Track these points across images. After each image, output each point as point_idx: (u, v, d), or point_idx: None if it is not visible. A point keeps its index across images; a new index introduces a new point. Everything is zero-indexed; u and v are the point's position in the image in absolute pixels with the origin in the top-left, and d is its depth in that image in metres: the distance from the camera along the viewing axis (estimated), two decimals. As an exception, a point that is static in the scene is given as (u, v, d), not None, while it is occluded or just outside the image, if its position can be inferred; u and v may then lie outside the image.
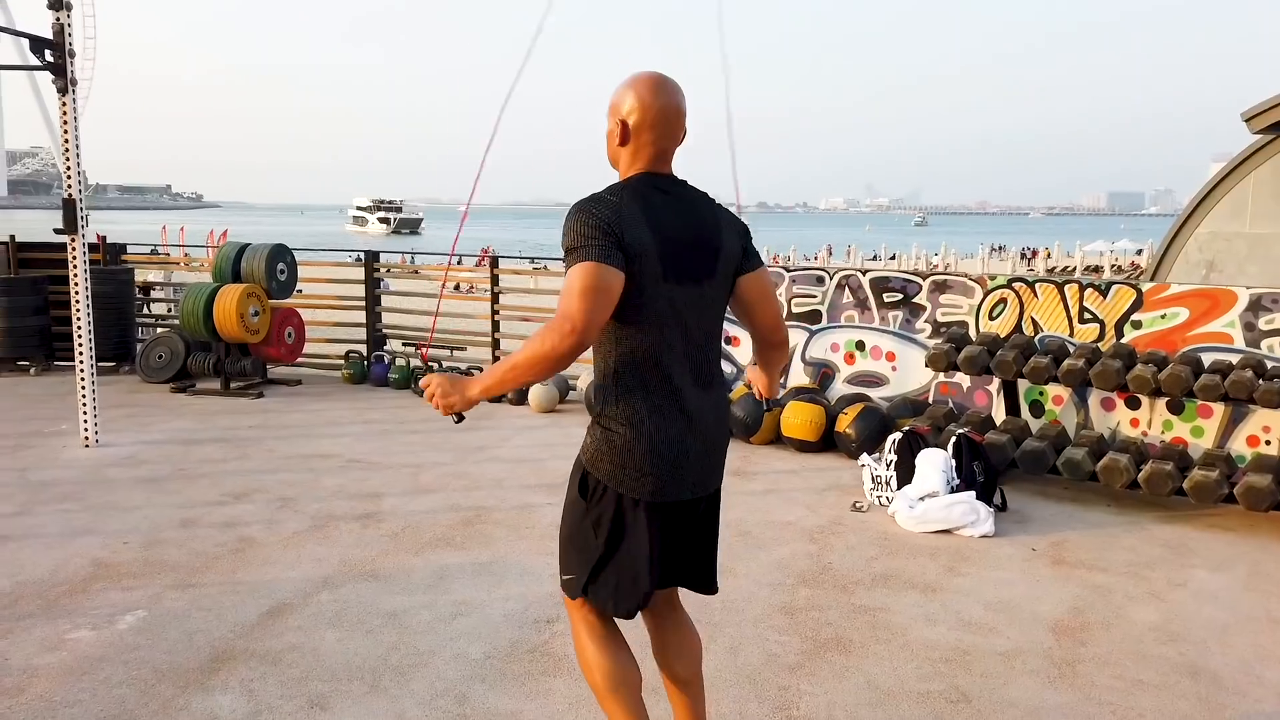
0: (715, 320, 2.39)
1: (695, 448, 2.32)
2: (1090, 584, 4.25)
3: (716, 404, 2.42)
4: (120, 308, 8.78)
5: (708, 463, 2.38)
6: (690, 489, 2.36)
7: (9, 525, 4.75)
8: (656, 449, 2.28)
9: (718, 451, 2.42)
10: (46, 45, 5.77)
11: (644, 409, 2.28)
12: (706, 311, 2.34)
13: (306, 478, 5.65)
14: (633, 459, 2.29)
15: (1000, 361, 5.73)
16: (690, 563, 2.51)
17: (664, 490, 2.31)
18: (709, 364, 2.39)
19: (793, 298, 7.15)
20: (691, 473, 2.34)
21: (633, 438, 2.28)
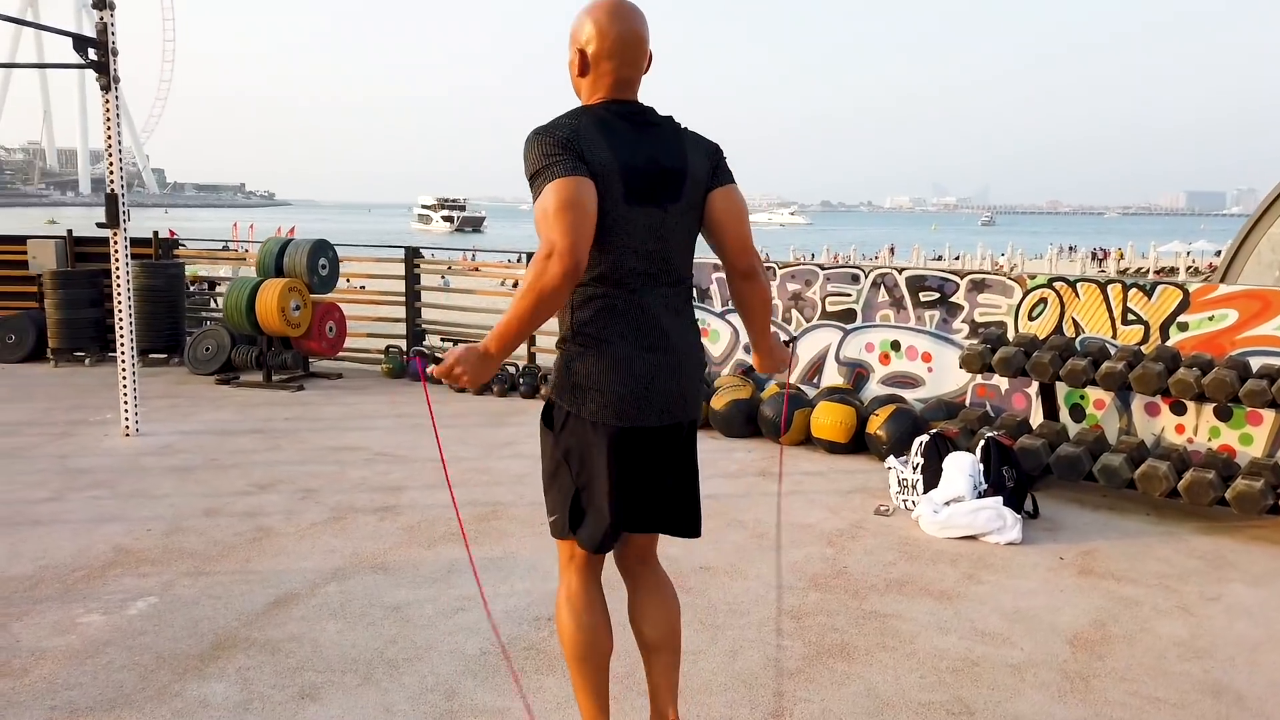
0: (682, 245, 2.32)
1: (660, 371, 2.26)
2: (1117, 595, 4.08)
3: (684, 330, 2.35)
4: (171, 301, 9.00)
5: (675, 388, 2.30)
6: (657, 415, 2.29)
7: (41, 510, 4.88)
8: (619, 370, 2.23)
9: (687, 378, 2.34)
10: (90, 44, 5.92)
11: (606, 331, 2.23)
12: (672, 235, 2.28)
13: (333, 469, 5.71)
14: (596, 381, 2.24)
15: (1036, 363, 5.55)
16: (667, 503, 2.42)
17: (628, 413, 2.25)
18: (675, 290, 2.33)
19: (826, 296, 7.02)
20: (658, 397, 2.27)
21: (595, 360, 2.23)
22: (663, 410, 2.30)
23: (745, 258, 2.39)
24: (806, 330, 7.12)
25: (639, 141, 2.24)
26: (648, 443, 2.33)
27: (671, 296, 2.33)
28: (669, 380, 2.29)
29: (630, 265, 2.24)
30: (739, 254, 2.38)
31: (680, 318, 2.35)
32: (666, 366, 2.28)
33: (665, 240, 2.28)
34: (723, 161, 2.40)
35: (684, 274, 2.38)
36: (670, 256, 2.31)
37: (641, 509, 2.41)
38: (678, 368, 2.31)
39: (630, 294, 2.25)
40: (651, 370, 2.26)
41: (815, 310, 7.07)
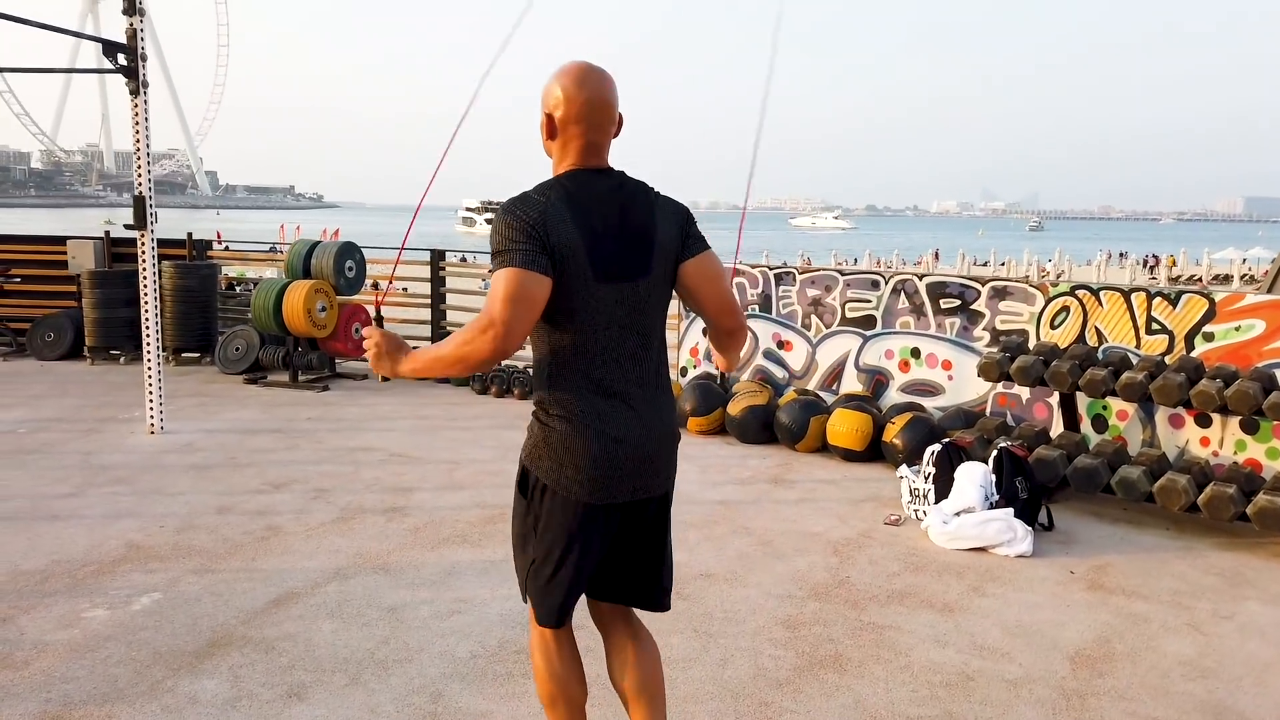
0: (654, 318, 2.30)
1: (632, 448, 2.24)
2: (1125, 611, 3.99)
3: (658, 404, 2.32)
4: (203, 301, 9.17)
5: (649, 464, 2.28)
6: (630, 491, 2.27)
7: (60, 505, 5.00)
8: (592, 447, 2.21)
9: (661, 453, 2.31)
10: (119, 49, 6.06)
11: (579, 407, 2.22)
12: (643, 310, 2.26)
13: (346, 470, 5.78)
14: (569, 457, 2.23)
15: (1055, 373, 5.44)
16: (636, 575, 2.42)
17: (601, 490, 2.24)
18: (649, 363, 2.31)
19: (846, 302, 6.96)
20: (631, 473, 2.25)
21: (568, 435, 2.23)
22: (635, 486, 2.28)
23: (730, 319, 2.37)
24: (825, 336, 7.05)
25: (608, 215, 2.22)
26: (623, 517, 2.33)
27: (643, 367, 2.30)
28: (641, 455, 2.27)
29: (602, 341, 2.23)
30: (723, 317, 2.37)
31: (654, 390, 2.32)
32: (639, 442, 2.26)
33: (638, 312, 2.26)
34: (693, 227, 2.37)
35: (656, 342, 2.36)
36: (642, 327, 2.29)
37: (610, 581, 2.43)
38: (650, 441, 2.28)
39: (603, 370, 2.24)
40: (624, 447, 2.24)
41: (835, 316, 7.01)
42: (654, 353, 2.33)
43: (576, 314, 2.19)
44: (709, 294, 2.33)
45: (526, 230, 2.13)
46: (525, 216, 2.14)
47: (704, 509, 5.19)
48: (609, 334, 2.22)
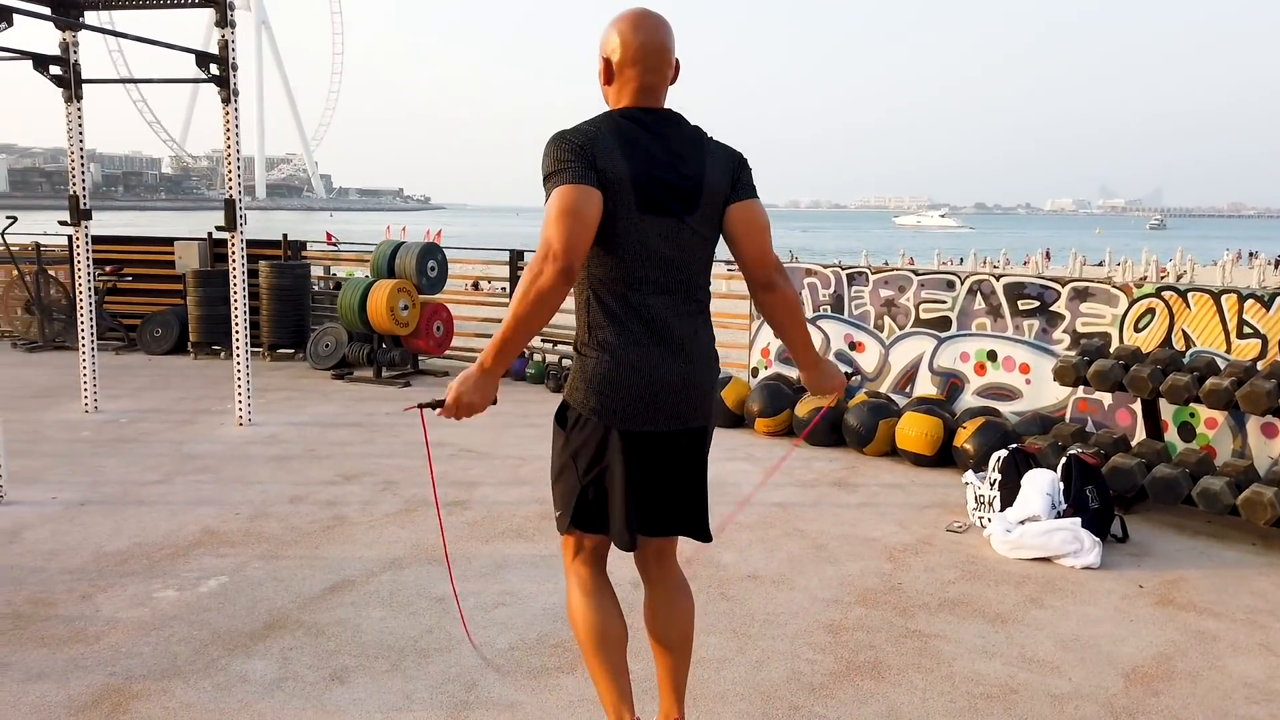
0: (697, 255, 2.34)
1: (670, 377, 2.29)
2: (1194, 629, 3.80)
3: (696, 338, 2.36)
4: (297, 299, 9.56)
5: (685, 396, 2.33)
6: (667, 420, 2.33)
7: (149, 491, 5.29)
8: (628, 375, 2.27)
9: (696, 387, 2.36)
10: (211, 60, 6.38)
11: (617, 336, 2.28)
12: (687, 246, 2.30)
13: (416, 463, 5.95)
14: (606, 384, 2.29)
15: (1135, 377, 5.21)
16: (676, 507, 2.46)
17: (636, 417, 2.30)
18: (689, 299, 2.36)
19: (920, 303, 6.80)
20: (667, 403, 2.31)
21: (605, 363, 2.29)
22: (672, 415, 2.34)
23: (763, 270, 2.38)
24: (899, 338, 6.91)
25: (656, 150, 2.28)
26: (656, 446, 2.37)
27: (685, 304, 2.36)
28: (679, 386, 2.32)
29: (643, 273, 2.28)
30: (757, 265, 2.38)
31: (693, 325, 2.37)
32: (677, 372, 2.32)
33: (680, 249, 2.31)
34: (745, 174, 2.41)
35: (699, 282, 2.39)
36: (685, 265, 2.33)
37: (651, 511, 2.46)
38: (688, 374, 2.33)
39: (643, 300, 2.29)
40: (661, 375, 2.30)
41: (909, 317, 6.86)
42: (695, 291, 2.37)
43: (618, 243, 2.24)
44: (749, 241, 2.36)
45: (575, 151, 2.19)
46: (574, 140, 2.21)
47: (760, 510, 5.16)
48: (649, 266, 2.27)
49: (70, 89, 6.70)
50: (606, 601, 2.52)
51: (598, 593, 2.51)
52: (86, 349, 7.09)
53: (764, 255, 2.37)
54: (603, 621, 2.50)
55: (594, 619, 2.49)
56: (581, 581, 2.52)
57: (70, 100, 6.72)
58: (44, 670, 3.26)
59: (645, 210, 2.23)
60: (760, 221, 2.37)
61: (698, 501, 2.48)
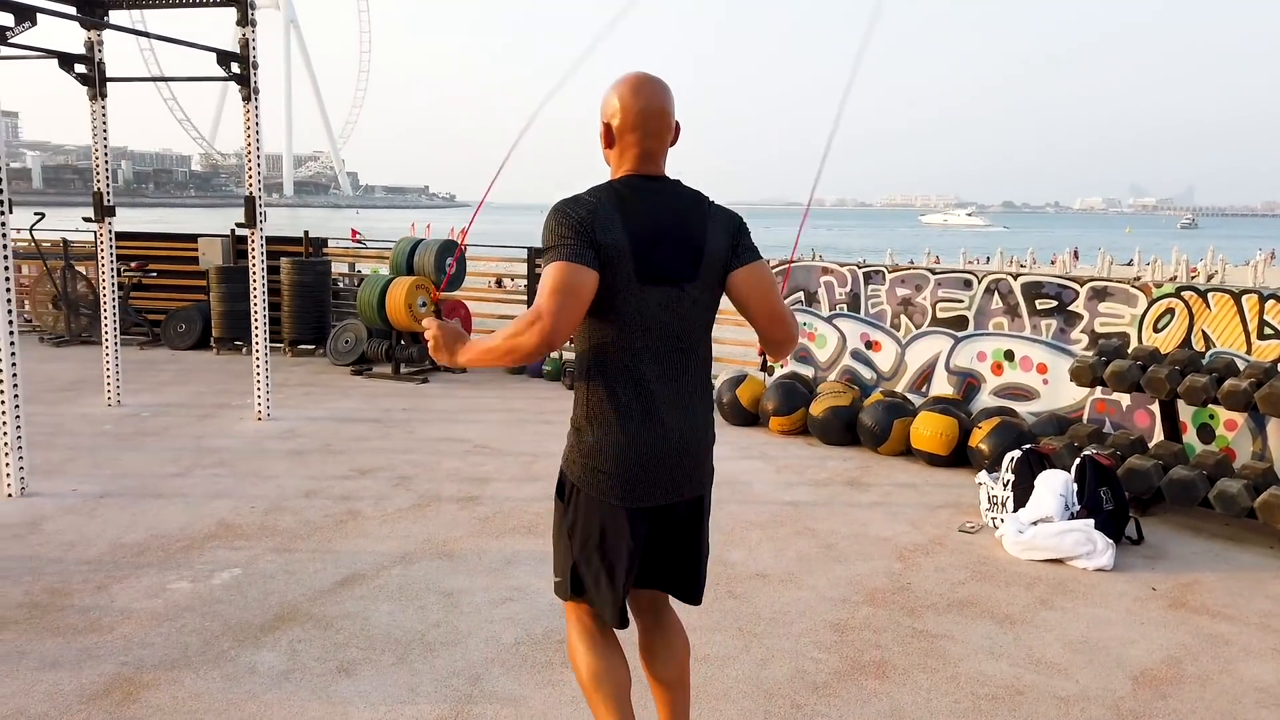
0: (697, 324, 2.33)
1: (667, 452, 2.28)
2: (1206, 632, 3.76)
3: (693, 410, 2.35)
4: (318, 296, 9.65)
5: (681, 468, 2.32)
6: (664, 494, 2.32)
7: (167, 484, 5.36)
8: (624, 452, 2.26)
9: (694, 458, 2.35)
10: (233, 58, 6.44)
11: (613, 411, 2.27)
12: (687, 314, 2.29)
13: (430, 459, 5.99)
14: (601, 461, 2.28)
15: (1152, 378, 5.16)
16: (671, 570, 2.47)
17: (633, 494, 2.29)
18: (689, 369, 2.33)
19: (937, 302, 6.76)
20: (664, 477, 2.30)
21: (601, 439, 2.28)
22: (669, 490, 2.33)
23: (780, 330, 2.38)
24: (915, 337, 6.87)
25: (657, 219, 2.27)
26: (656, 519, 2.37)
27: (684, 373, 2.33)
28: (675, 460, 2.31)
29: (642, 343, 2.27)
30: (774, 328, 2.37)
31: (692, 395, 2.35)
32: (674, 446, 2.30)
33: (681, 317, 2.29)
34: (745, 237, 2.39)
35: (700, 350, 2.38)
36: (685, 333, 2.32)
37: (646, 572, 2.46)
38: (684, 446, 2.32)
39: (641, 373, 2.28)
40: (658, 451, 2.28)
41: (925, 316, 6.82)
42: (694, 360, 2.35)
43: (618, 314, 2.23)
44: (759, 305, 2.34)
45: (575, 227, 2.19)
46: (575, 214, 2.21)
47: (771, 509, 5.15)
48: (648, 336, 2.26)
49: (95, 87, 6.79)
50: (607, 647, 2.49)
51: (598, 639, 2.48)
52: (109, 344, 7.19)
53: (779, 316, 2.35)
54: (605, 668, 2.48)
55: (595, 665, 2.47)
56: (581, 626, 2.49)
57: (95, 98, 6.81)
58: (58, 659, 3.32)
59: (645, 280, 2.23)
60: (769, 282, 2.35)
61: (692, 568, 2.47)
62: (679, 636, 2.60)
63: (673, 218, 2.28)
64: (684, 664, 2.59)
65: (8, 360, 4.99)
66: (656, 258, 2.24)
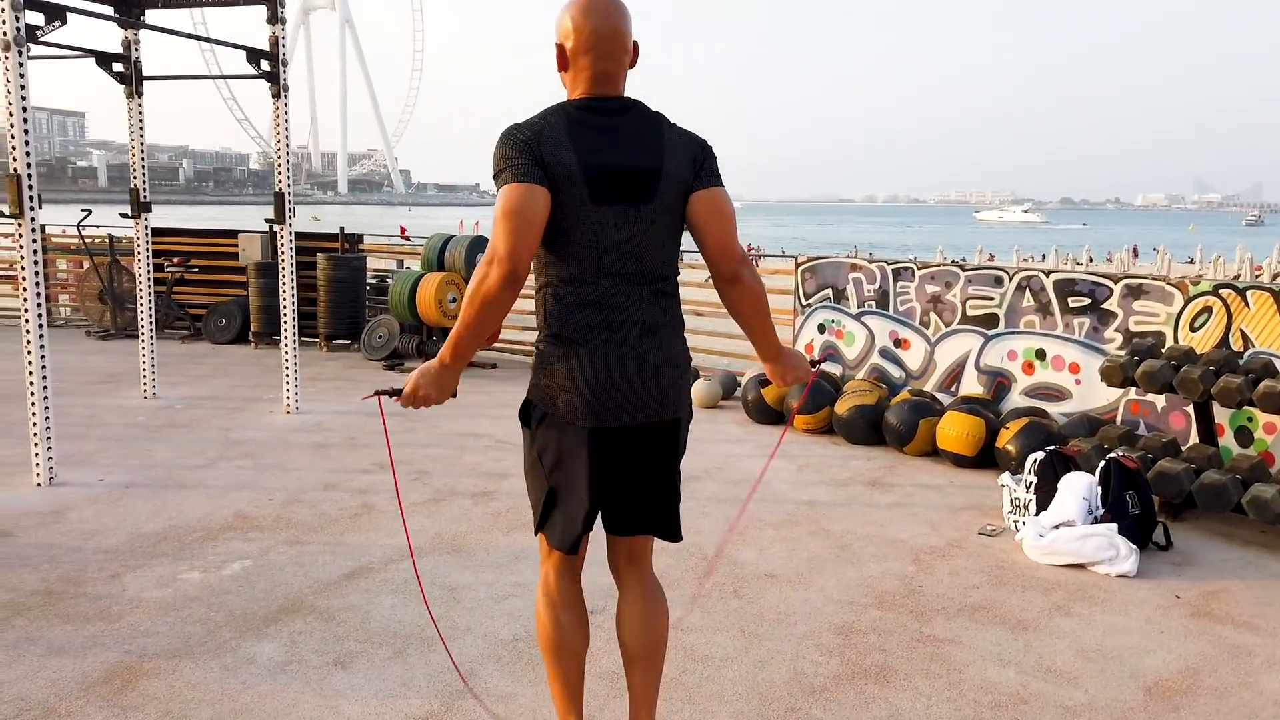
0: (660, 244, 2.28)
1: (631, 371, 2.25)
2: (1228, 642, 3.62)
3: (661, 329, 2.31)
4: (353, 291, 9.76)
5: (648, 389, 2.28)
6: (630, 414, 2.27)
7: (192, 475, 5.45)
8: (588, 370, 2.23)
9: (661, 379, 2.30)
10: (262, 56, 6.53)
11: (576, 330, 2.24)
12: (645, 234, 2.25)
13: (451, 454, 6.01)
14: (564, 380, 2.25)
15: (1185, 379, 4.98)
16: (643, 505, 2.41)
17: (598, 414, 2.25)
18: (650, 289, 2.30)
19: (967, 299, 6.62)
20: (630, 396, 2.26)
21: (563, 359, 2.25)
22: (635, 409, 2.28)
23: (727, 262, 2.32)
24: (944, 335, 6.74)
25: (610, 139, 2.23)
26: (621, 442, 2.32)
27: (648, 295, 2.30)
28: (642, 379, 2.27)
29: (601, 264, 2.24)
30: (720, 258, 2.32)
31: (655, 316, 2.31)
32: (639, 366, 2.26)
33: (637, 238, 2.25)
34: (708, 161, 2.34)
35: (663, 272, 2.33)
36: (645, 255, 2.28)
37: (617, 510, 2.42)
38: (652, 366, 2.28)
39: (601, 293, 2.24)
40: (623, 369, 2.25)
41: (955, 314, 6.68)
42: (656, 281, 2.31)
43: (572, 236, 2.20)
44: (711, 231, 2.29)
45: (520, 147, 2.16)
46: (520, 135, 2.18)
47: (787, 508, 5.08)
48: (606, 258, 2.22)
49: (131, 85, 6.93)
50: (570, 612, 2.48)
51: (562, 602, 2.47)
52: (146, 337, 7.34)
53: (728, 246, 2.30)
54: (560, 633, 2.47)
55: (552, 629, 2.47)
56: (548, 588, 2.48)
57: (131, 96, 6.95)
58: (65, 645, 3.38)
59: (599, 201, 2.18)
60: (724, 211, 2.30)
61: (666, 499, 2.41)
62: (658, 601, 2.53)
63: (628, 138, 2.24)
64: (661, 633, 2.52)
65: (37, 354, 5.11)
66: (610, 178, 2.19)
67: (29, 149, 4.95)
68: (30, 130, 4.99)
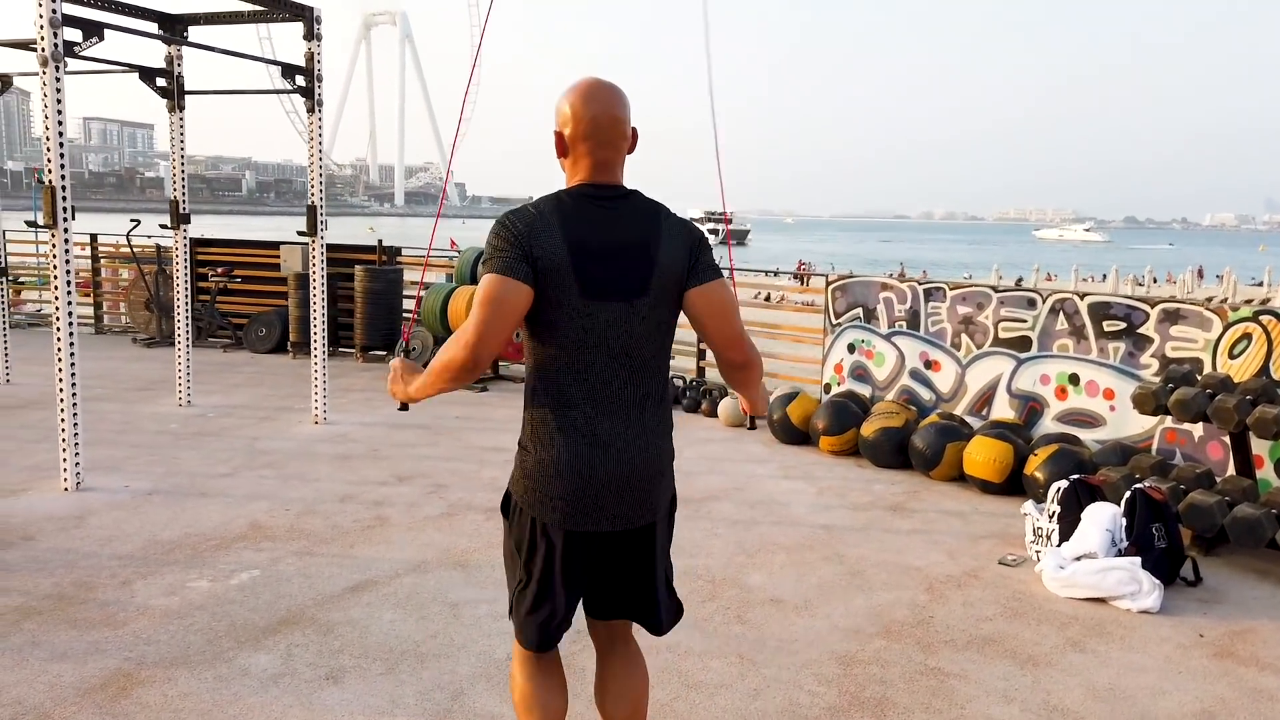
0: (649, 341, 2.22)
1: (612, 476, 2.18)
2: (1248, 685, 3.46)
3: (645, 432, 2.24)
4: (389, 303, 9.86)
5: (629, 494, 2.22)
6: (609, 521, 2.22)
7: (214, 484, 5.53)
8: (565, 474, 2.17)
9: (643, 483, 2.24)
10: (298, 71, 6.64)
11: (556, 430, 2.18)
12: (637, 331, 2.18)
13: (470, 467, 6.02)
14: (543, 482, 2.20)
15: (1219, 408, 4.80)
16: (625, 599, 2.38)
17: (575, 518, 2.20)
18: (640, 388, 2.23)
19: (1000, 321, 6.47)
20: (609, 503, 2.20)
21: (543, 459, 2.20)
22: (615, 516, 2.23)
23: (736, 353, 2.28)
24: (976, 357, 6.59)
25: (604, 231, 2.17)
26: (597, 545, 2.28)
27: (635, 393, 2.24)
28: (620, 486, 2.21)
29: (585, 360, 2.18)
30: (727, 349, 2.28)
31: (644, 416, 2.25)
32: (620, 473, 2.20)
33: (629, 335, 2.19)
34: (704, 254, 2.28)
35: (653, 366, 2.27)
36: (635, 351, 2.21)
37: (599, 599, 2.39)
38: (633, 473, 2.22)
39: (585, 391, 2.18)
40: (603, 477, 2.19)
41: (987, 336, 6.53)
42: (646, 380, 2.24)
43: (559, 330, 2.15)
44: (715, 326, 2.24)
45: (511, 240, 2.13)
46: (513, 227, 2.15)
47: (802, 532, 4.99)
48: (594, 355, 2.17)
49: (173, 99, 7.10)
50: (545, 675, 2.43)
51: (536, 666, 2.42)
52: (182, 346, 7.49)
53: (734, 339, 2.25)
54: (539, 694, 2.42)
55: (527, 690, 2.41)
56: (524, 657, 2.43)
57: (173, 110, 7.12)
58: (67, 651, 3.44)
59: (589, 296, 2.13)
60: (727, 305, 2.24)
61: (647, 596, 2.37)
62: (637, 671, 2.49)
63: (622, 230, 2.18)
64: (640, 702, 2.48)
65: (67, 361, 5.23)
66: (601, 272, 2.14)
67: (64, 161, 5.08)
68: (65, 143, 5.12)
